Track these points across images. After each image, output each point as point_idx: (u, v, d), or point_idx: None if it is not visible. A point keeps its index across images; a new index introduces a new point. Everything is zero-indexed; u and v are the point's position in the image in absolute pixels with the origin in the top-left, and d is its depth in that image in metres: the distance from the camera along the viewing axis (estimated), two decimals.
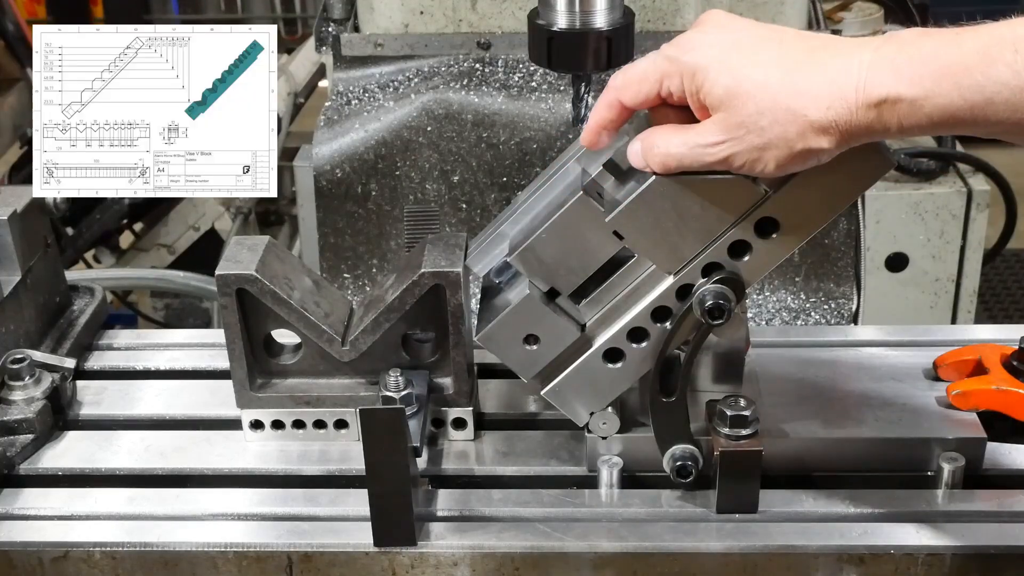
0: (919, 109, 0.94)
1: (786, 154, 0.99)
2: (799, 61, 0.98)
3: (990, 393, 1.26)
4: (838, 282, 2.08)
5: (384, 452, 1.13)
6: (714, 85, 1.00)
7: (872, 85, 0.95)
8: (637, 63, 1.06)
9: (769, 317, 2.09)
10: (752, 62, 0.99)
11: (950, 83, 0.93)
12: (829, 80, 0.96)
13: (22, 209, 1.40)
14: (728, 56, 1.00)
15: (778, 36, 1.02)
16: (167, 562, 1.19)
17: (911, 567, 1.16)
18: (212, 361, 1.48)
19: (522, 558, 1.18)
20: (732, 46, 1.01)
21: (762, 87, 0.97)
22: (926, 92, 0.94)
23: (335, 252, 2.10)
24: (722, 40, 1.02)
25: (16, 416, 1.31)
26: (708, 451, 1.20)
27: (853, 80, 0.96)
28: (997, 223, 2.31)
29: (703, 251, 1.12)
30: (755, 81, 0.98)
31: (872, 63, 0.96)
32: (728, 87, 0.99)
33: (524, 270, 1.15)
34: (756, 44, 1.01)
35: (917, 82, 0.94)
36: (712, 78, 1.00)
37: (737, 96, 0.98)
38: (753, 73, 0.98)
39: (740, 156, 1.01)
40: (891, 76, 0.94)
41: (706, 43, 1.02)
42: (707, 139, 1.01)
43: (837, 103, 0.96)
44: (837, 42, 1.01)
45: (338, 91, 2.11)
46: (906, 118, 0.95)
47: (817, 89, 0.96)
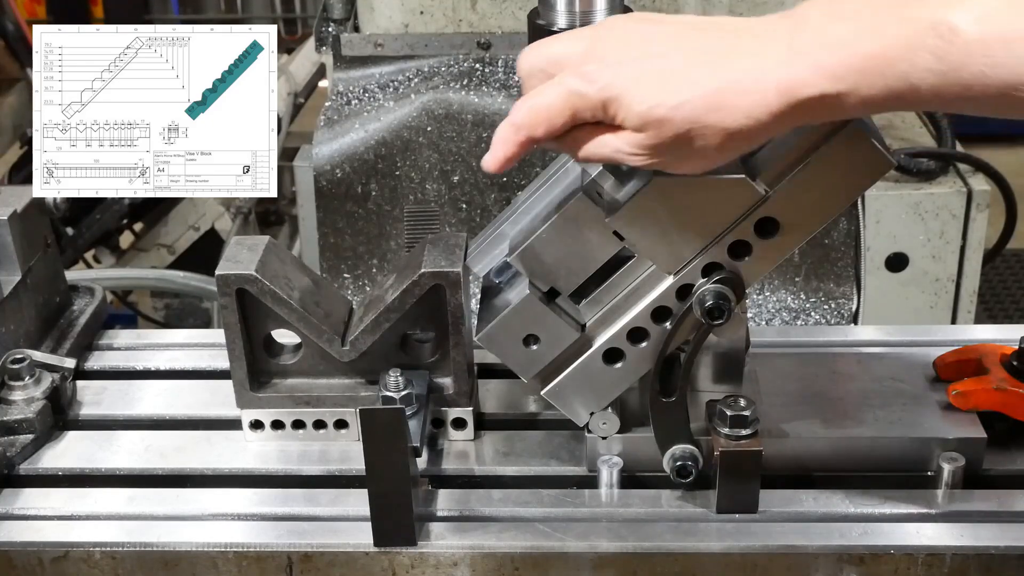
0: (844, 102, 0.92)
1: (713, 159, 0.99)
2: (713, 69, 0.94)
3: (990, 393, 1.26)
4: (838, 282, 2.09)
5: (384, 452, 1.13)
6: (628, 113, 0.96)
7: (794, 85, 0.92)
8: (542, 94, 0.99)
9: (769, 317, 2.09)
10: (664, 82, 0.95)
11: (874, 75, 0.91)
12: (745, 89, 0.93)
13: (22, 209, 1.40)
14: (638, 80, 0.95)
15: (687, 39, 0.97)
16: (167, 562, 1.19)
17: (911, 567, 1.16)
18: (212, 361, 1.48)
19: (522, 558, 1.18)
20: (640, 66, 0.96)
21: (678, 109, 0.94)
22: (850, 87, 0.91)
23: (335, 252, 2.10)
24: (628, 58, 0.97)
25: (16, 416, 1.31)
26: (708, 451, 1.20)
27: (772, 82, 0.93)
28: (997, 223, 2.31)
29: (703, 251, 1.12)
30: (670, 106, 0.94)
31: (789, 60, 0.92)
32: (643, 115, 0.95)
33: (524, 270, 1.15)
34: (665, 56, 0.96)
35: (841, 77, 0.91)
36: (626, 107, 0.96)
37: (653, 122, 0.96)
38: (667, 98, 0.94)
39: (666, 165, 1.00)
40: (812, 72, 0.92)
41: (612, 66, 0.97)
42: (631, 149, 0.99)
43: (757, 110, 0.93)
44: (749, 34, 0.96)
45: (338, 91, 2.12)
46: (831, 111, 0.94)
47: (734, 100, 0.93)
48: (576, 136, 1.00)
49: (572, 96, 0.97)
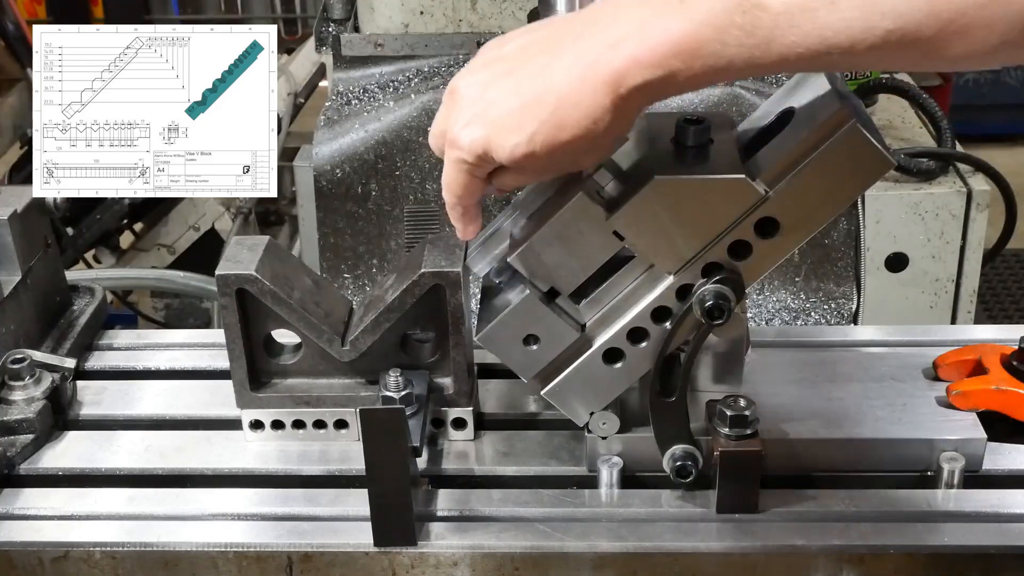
0: (670, 83, 0.96)
1: (596, 153, 1.05)
2: (545, 91, 0.99)
3: (990, 393, 1.26)
4: (838, 282, 2.09)
5: (384, 452, 1.13)
6: (500, 159, 1.03)
7: (617, 79, 0.96)
8: (445, 172, 1.09)
9: (769, 317, 2.09)
10: (511, 125, 1.01)
11: (689, 57, 0.94)
12: (577, 101, 0.98)
13: (22, 209, 1.40)
14: (492, 130, 1.02)
15: (519, 68, 1.03)
16: (167, 562, 1.19)
17: (911, 567, 1.16)
18: (212, 361, 1.48)
19: (522, 558, 1.18)
20: (489, 116, 1.02)
21: (532, 143, 1.00)
22: (669, 71, 0.95)
23: (335, 252, 2.10)
24: (479, 111, 1.03)
25: (16, 416, 1.31)
26: (708, 451, 1.20)
27: (598, 82, 0.97)
28: (997, 223, 2.31)
29: (703, 251, 1.12)
30: (524, 142, 1.00)
31: (609, 56, 0.96)
32: (510, 158, 1.02)
33: (524, 270, 1.15)
34: (505, 97, 1.02)
35: (658, 63, 0.95)
36: (496, 155, 1.02)
37: (521, 160, 1.02)
38: (519, 137, 1.00)
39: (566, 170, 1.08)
40: (631, 64, 0.96)
41: (471, 124, 1.03)
42: (525, 179, 1.09)
43: (595, 111, 0.98)
44: (570, 37, 1.01)
45: (338, 91, 2.11)
46: (664, 92, 0.98)
47: (572, 113, 0.98)
48: (496, 183, 1.08)
49: (459, 164, 1.06)
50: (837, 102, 1.07)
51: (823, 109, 1.08)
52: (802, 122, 1.10)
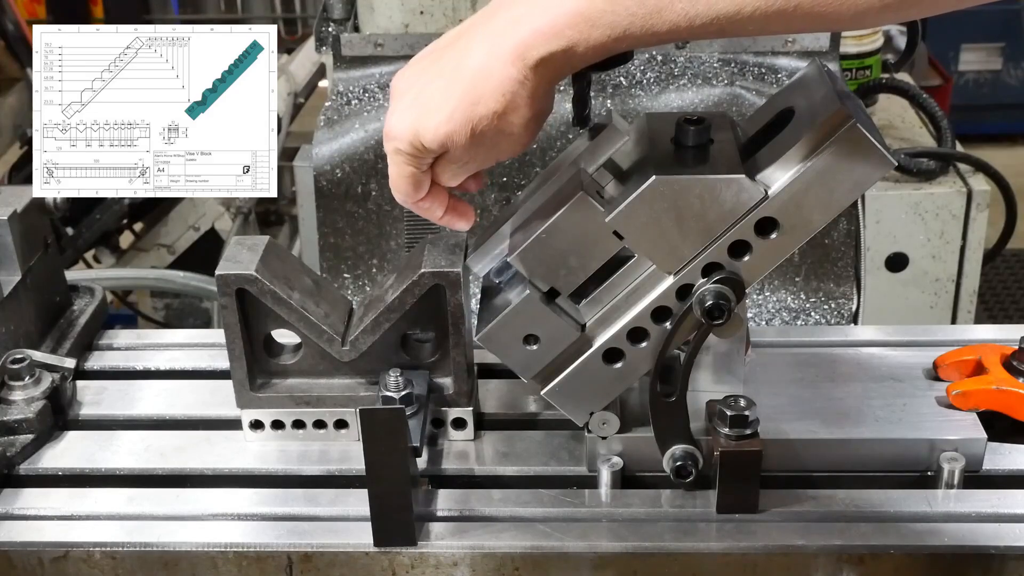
0: (575, 53, 1.01)
1: (517, 138, 1.08)
2: (459, 74, 1.05)
3: (990, 393, 1.26)
4: (838, 282, 2.08)
5: (384, 452, 1.13)
6: (432, 145, 1.07)
7: (523, 52, 1.01)
8: (390, 172, 1.13)
9: (769, 317, 2.09)
10: (434, 108, 1.06)
11: (587, 27, 0.99)
12: (488, 74, 1.03)
13: (22, 209, 1.40)
14: (420, 117, 1.07)
15: (440, 60, 1.09)
16: (167, 562, 1.19)
17: (911, 567, 1.16)
18: (212, 361, 1.48)
19: (522, 558, 1.18)
20: (417, 106, 1.08)
21: (452, 120, 1.05)
22: (570, 41, 1.00)
23: (335, 252, 2.10)
24: (408, 103, 1.08)
25: (16, 416, 1.31)
26: (708, 451, 1.20)
27: (505, 56, 1.02)
28: (997, 223, 2.31)
29: (703, 251, 1.12)
30: (445, 121, 1.05)
31: (513, 31, 1.02)
32: (438, 140, 1.07)
33: (524, 270, 1.15)
34: (428, 86, 1.08)
35: (558, 34, 1.00)
36: (428, 142, 1.07)
37: (447, 141, 1.06)
38: (441, 117, 1.05)
39: (494, 160, 1.11)
40: (533, 36, 1.01)
41: (405, 117, 1.08)
42: (457, 165, 1.12)
43: (506, 84, 1.03)
44: (481, 19, 1.07)
45: (338, 91, 2.11)
46: (571, 64, 1.03)
47: (484, 86, 1.03)
48: (434, 176, 1.13)
49: (397, 156, 1.11)
50: (837, 102, 1.07)
51: (823, 109, 1.08)
52: (802, 122, 1.10)
